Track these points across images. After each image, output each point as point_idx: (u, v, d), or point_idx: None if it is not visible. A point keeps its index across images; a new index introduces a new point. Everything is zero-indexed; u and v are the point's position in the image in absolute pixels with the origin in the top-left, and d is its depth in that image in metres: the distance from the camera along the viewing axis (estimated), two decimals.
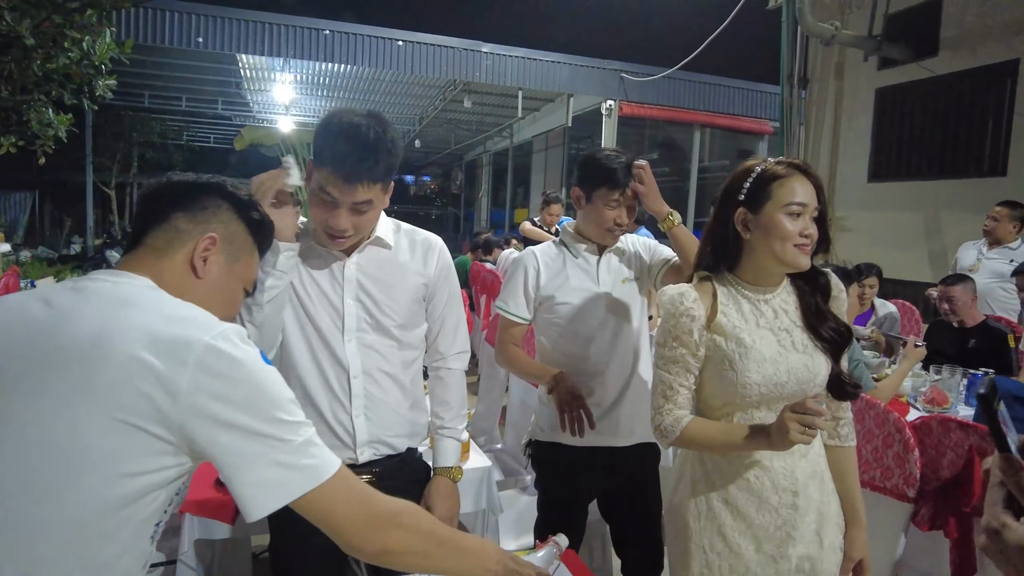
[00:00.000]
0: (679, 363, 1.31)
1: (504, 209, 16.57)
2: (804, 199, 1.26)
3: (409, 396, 1.55)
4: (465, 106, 11.54)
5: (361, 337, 1.47)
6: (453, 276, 1.61)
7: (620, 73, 10.63)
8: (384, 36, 9.59)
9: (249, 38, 9.15)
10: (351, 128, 1.32)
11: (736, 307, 1.32)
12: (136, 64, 10.37)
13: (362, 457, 1.48)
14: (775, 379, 1.27)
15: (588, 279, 1.85)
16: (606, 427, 1.85)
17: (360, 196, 1.33)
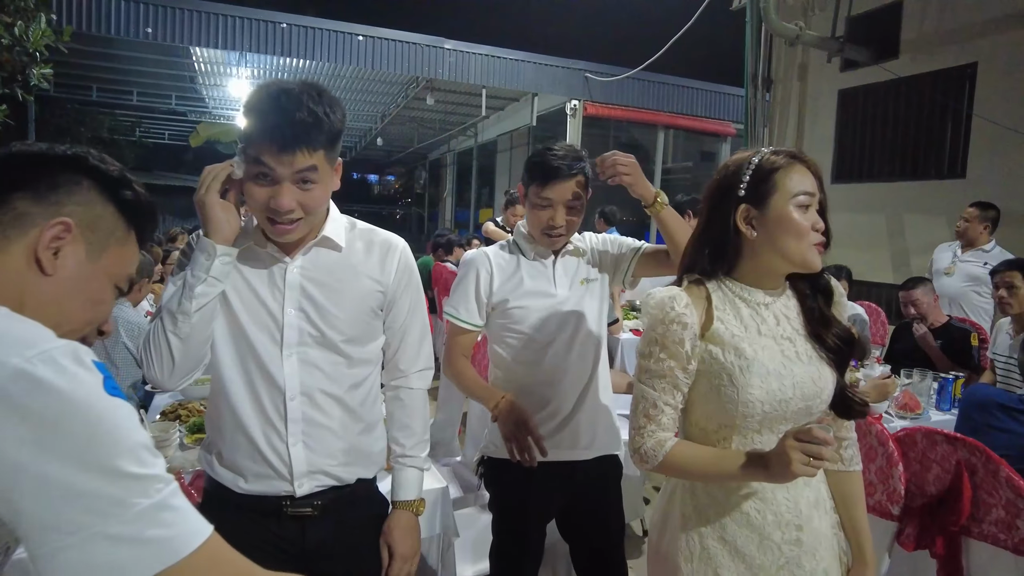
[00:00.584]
0: (666, 378, 1.15)
1: (469, 209, 16.40)
2: (811, 188, 1.13)
3: (359, 420, 1.35)
4: (428, 104, 11.34)
5: (303, 353, 1.27)
6: (416, 283, 1.43)
7: (585, 73, 10.57)
8: (343, 30, 9.32)
9: (202, 30, 8.78)
10: (282, 94, 1.15)
11: (735, 313, 1.17)
12: (82, 55, 9.92)
13: (301, 490, 1.29)
14: (780, 395, 1.13)
15: (543, 282, 1.74)
16: (565, 439, 1.72)
17: (300, 162, 1.15)
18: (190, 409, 2.39)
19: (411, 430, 1.43)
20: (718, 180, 1.19)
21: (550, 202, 1.65)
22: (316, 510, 1.30)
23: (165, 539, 0.63)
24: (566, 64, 10.52)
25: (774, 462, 1.03)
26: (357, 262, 1.33)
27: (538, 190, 1.66)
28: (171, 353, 1.18)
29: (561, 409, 1.73)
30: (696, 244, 1.23)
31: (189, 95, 13.07)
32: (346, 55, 9.41)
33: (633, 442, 1.18)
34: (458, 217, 17.76)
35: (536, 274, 1.74)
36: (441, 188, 19.37)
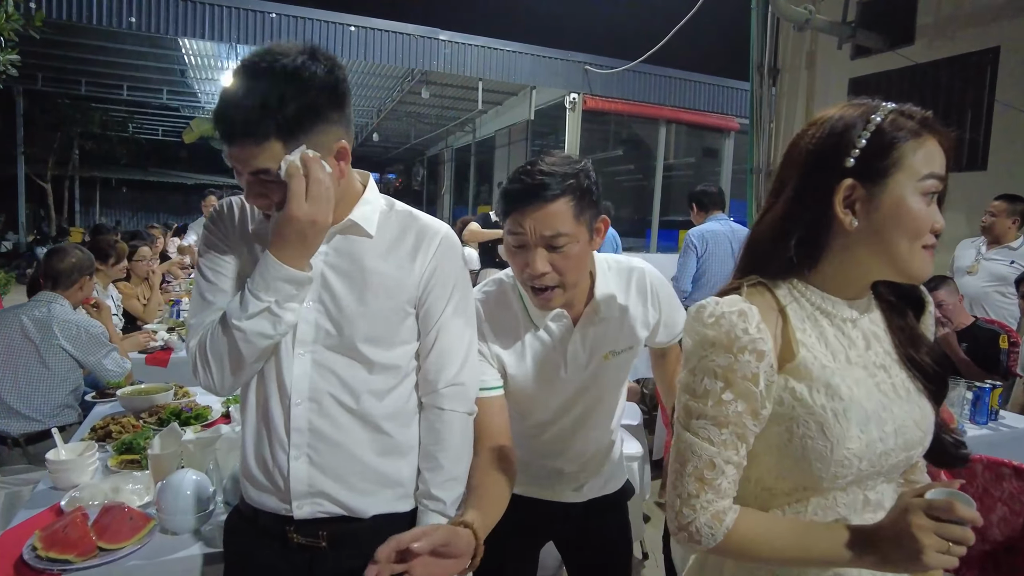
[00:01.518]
0: (729, 426, 0.84)
1: (467, 207, 16.12)
2: (942, 171, 0.83)
3: (383, 438, 1.13)
4: (424, 97, 11.08)
5: (318, 353, 1.10)
6: (459, 278, 1.18)
7: (584, 65, 10.30)
8: (335, 21, 9.07)
9: (188, 20, 8.51)
10: (238, 70, 0.98)
11: (818, 333, 0.86)
12: (67, 47, 9.70)
13: (299, 512, 1.11)
14: (880, 447, 0.83)
15: (549, 363, 1.32)
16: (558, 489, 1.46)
17: (249, 162, 0.98)
18: (123, 424, 2.10)
19: (437, 463, 1.15)
20: (819, 139, 0.86)
21: (521, 240, 1.20)
22: (324, 541, 1.13)
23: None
24: (565, 56, 10.27)
25: (892, 546, 0.75)
26: (388, 250, 1.13)
27: (508, 226, 1.22)
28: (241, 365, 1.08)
29: (560, 469, 1.45)
30: (775, 229, 0.89)
31: (180, 89, 12.83)
32: (337, 46, 9.14)
33: (679, 516, 0.86)
34: (456, 214, 17.48)
35: (543, 350, 1.32)
36: (439, 185, 19.09)
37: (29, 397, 2.50)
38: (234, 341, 1.03)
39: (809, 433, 0.83)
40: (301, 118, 0.97)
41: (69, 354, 2.58)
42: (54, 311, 2.59)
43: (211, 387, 1.10)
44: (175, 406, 2.28)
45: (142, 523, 1.47)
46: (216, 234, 1.14)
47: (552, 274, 1.20)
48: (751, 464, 0.87)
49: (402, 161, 22.09)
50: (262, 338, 1.04)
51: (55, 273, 2.71)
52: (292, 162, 0.97)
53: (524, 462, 1.42)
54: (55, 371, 2.54)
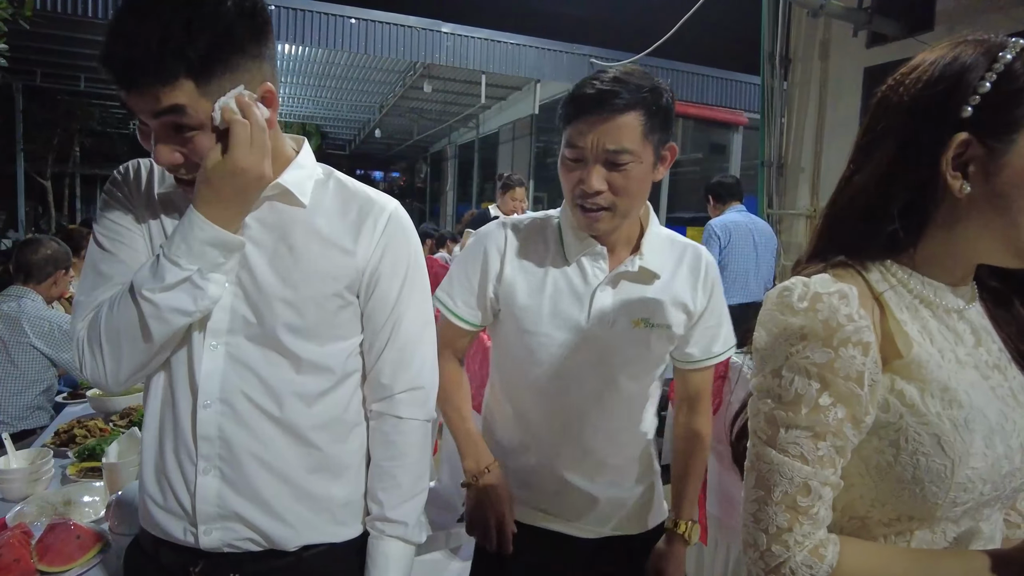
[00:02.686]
0: (828, 438, 0.67)
1: (471, 204, 15.98)
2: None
3: (316, 455, 0.96)
4: (426, 91, 10.93)
5: (234, 345, 0.93)
6: (414, 262, 1.02)
7: (589, 58, 10.13)
8: (335, 13, 8.92)
9: None
10: (124, 9, 0.79)
11: (920, 326, 0.69)
12: (64, 41, 9.58)
13: (206, 539, 0.93)
14: (1007, 466, 0.66)
15: (573, 304, 1.17)
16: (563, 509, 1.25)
17: (156, 101, 0.80)
18: (89, 429, 1.93)
19: (395, 481, 0.99)
20: (925, 83, 0.70)
21: (580, 153, 1.09)
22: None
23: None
24: (570, 49, 10.12)
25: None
26: (323, 224, 0.96)
27: (567, 137, 1.12)
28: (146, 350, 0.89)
29: (570, 476, 1.23)
30: (866, 198, 0.73)
31: None
32: (338, 40, 9.00)
33: (767, 557, 0.68)
34: (459, 211, 17.35)
35: (569, 288, 1.18)
36: (443, 182, 18.96)
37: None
38: (142, 318, 0.85)
39: (923, 448, 0.66)
40: (216, 49, 0.80)
41: (41, 352, 2.42)
42: (24, 307, 2.43)
43: (100, 378, 0.92)
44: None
45: (91, 543, 1.30)
46: (116, 197, 0.96)
47: (607, 194, 1.09)
48: (844, 492, 0.70)
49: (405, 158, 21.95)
50: (178, 315, 0.86)
51: (28, 265, 2.56)
52: (227, 104, 0.80)
53: (528, 467, 1.25)
54: (24, 371, 2.38)
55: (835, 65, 6.18)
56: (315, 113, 14.73)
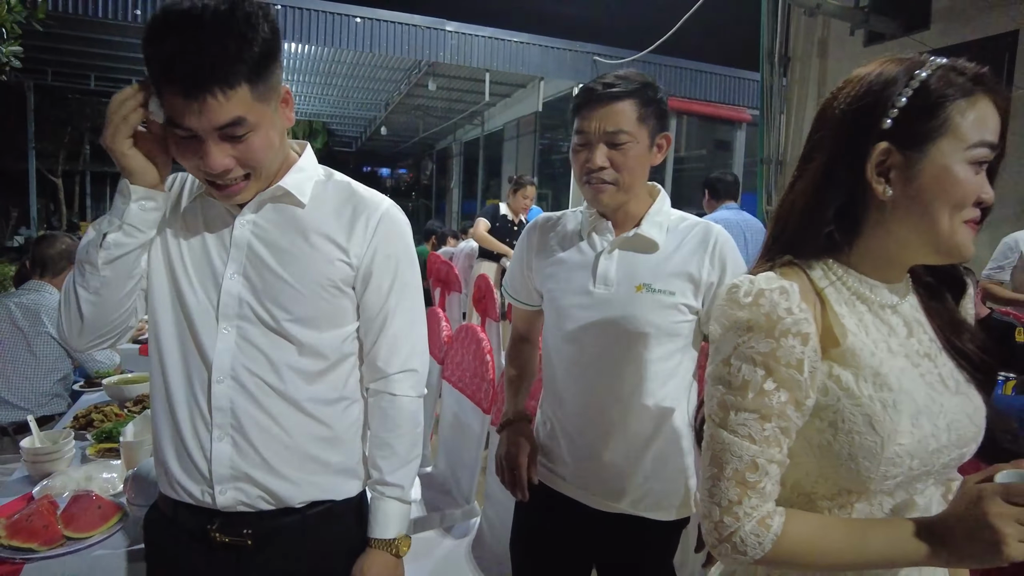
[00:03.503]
0: (772, 419, 0.75)
1: (475, 200, 16.06)
2: (994, 137, 0.75)
3: (314, 424, 1.07)
4: (431, 89, 11.01)
5: (243, 329, 1.04)
6: (406, 257, 1.13)
7: (593, 56, 10.17)
8: (340, 12, 9.01)
9: None
10: (178, 16, 0.87)
11: (856, 319, 0.79)
12: (75, 41, 9.71)
13: (222, 499, 1.04)
14: (933, 443, 0.75)
15: (582, 274, 1.33)
16: (582, 481, 1.34)
17: (219, 115, 0.90)
18: (106, 414, 2.06)
19: (391, 449, 1.12)
20: (853, 97, 0.78)
21: (586, 137, 1.27)
22: (250, 540, 1.05)
23: None
24: (573, 47, 10.16)
25: (964, 538, 0.68)
26: (320, 222, 1.07)
27: (575, 127, 1.30)
28: (79, 309, 1.01)
29: (581, 440, 1.34)
30: (806, 202, 0.81)
31: None
32: (343, 38, 9.09)
33: (719, 528, 0.77)
34: (465, 208, 17.43)
35: (580, 259, 1.35)
36: (448, 179, 19.05)
37: (17, 385, 2.47)
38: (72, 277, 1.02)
39: (856, 428, 0.74)
40: (264, 56, 0.90)
41: (58, 342, 2.54)
42: (43, 299, 2.56)
43: (63, 335, 1.06)
44: None
45: (111, 512, 1.42)
46: None
47: (609, 170, 1.25)
48: (789, 466, 0.79)
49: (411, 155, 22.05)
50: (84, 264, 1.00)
51: (44, 259, 2.68)
52: None
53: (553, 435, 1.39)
54: (43, 359, 2.51)
55: (833, 63, 6.23)
56: (322, 111, 14.85)
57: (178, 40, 0.86)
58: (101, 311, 1.02)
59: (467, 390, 2.27)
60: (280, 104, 0.99)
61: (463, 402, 2.28)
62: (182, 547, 1.08)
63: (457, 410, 2.34)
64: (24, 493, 1.57)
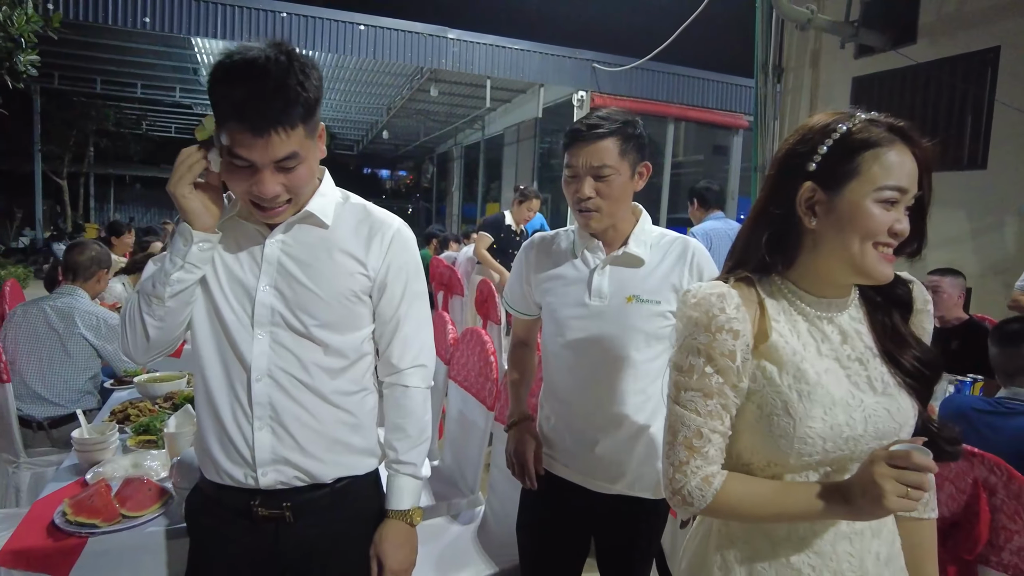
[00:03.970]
0: (713, 397, 0.93)
1: (476, 203, 16.22)
2: (905, 183, 0.90)
3: (340, 412, 1.23)
4: (432, 95, 11.18)
5: (275, 334, 1.18)
6: (414, 269, 1.30)
7: (592, 63, 10.35)
8: (345, 20, 9.18)
9: (200, 19, 8.66)
10: (247, 65, 1.04)
11: (791, 326, 0.95)
12: (83, 46, 9.87)
13: (264, 480, 1.19)
14: (848, 432, 0.91)
15: (578, 288, 1.51)
16: (584, 465, 1.53)
17: (279, 149, 1.06)
18: (140, 408, 2.24)
19: (405, 433, 1.29)
20: (791, 145, 0.95)
21: (574, 171, 1.44)
22: (288, 512, 1.21)
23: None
24: (572, 54, 10.31)
25: (859, 494, 0.83)
26: (341, 240, 1.22)
27: (566, 160, 1.47)
28: (146, 333, 1.17)
29: (582, 435, 1.52)
30: (752, 226, 0.98)
31: (193, 87, 12.98)
32: (348, 45, 9.27)
33: (673, 482, 0.95)
34: (465, 211, 17.59)
35: (576, 275, 1.52)
36: (449, 182, 19.20)
37: (52, 383, 2.65)
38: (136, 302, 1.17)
39: (775, 411, 0.91)
40: (315, 100, 1.08)
41: (89, 343, 2.72)
42: (76, 302, 2.74)
43: (128, 352, 1.21)
44: (188, 392, 2.41)
45: (160, 494, 1.60)
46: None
47: (596, 199, 1.42)
48: (733, 440, 0.97)
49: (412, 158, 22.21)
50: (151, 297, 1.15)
51: (75, 266, 2.86)
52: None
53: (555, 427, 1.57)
54: (76, 359, 2.68)
55: (825, 74, 6.42)
56: (324, 115, 14.81)
57: (248, 86, 1.02)
58: (165, 333, 1.17)
59: (472, 389, 2.44)
60: (317, 138, 1.16)
61: (468, 400, 2.46)
62: (226, 523, 1.24)
63: (463, 408, 2.51)
64: (77, 479, 1.75)
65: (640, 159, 1.46)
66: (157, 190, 22.51)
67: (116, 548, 1.48)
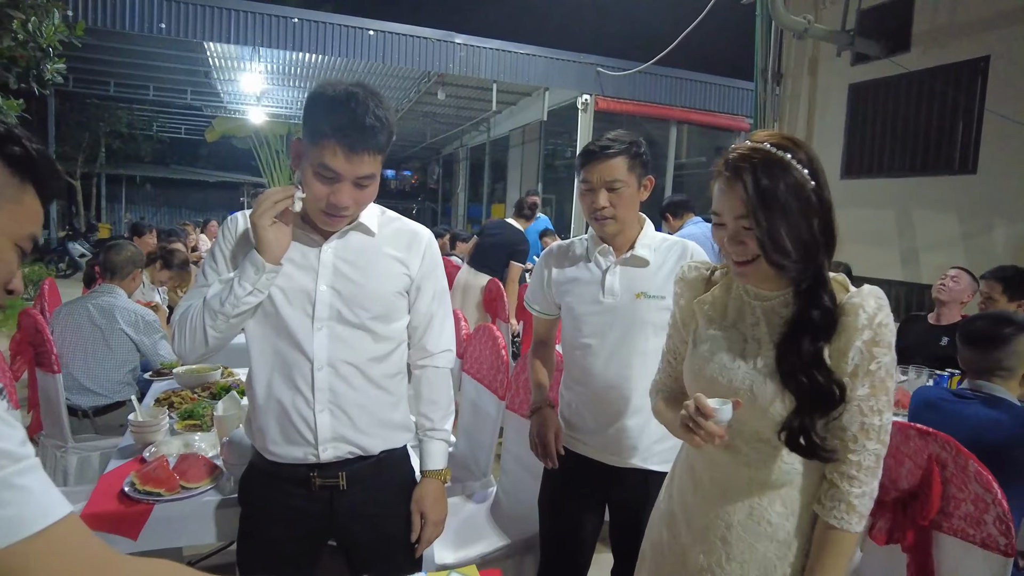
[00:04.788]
0: (675, 334, 1.30)
1: (481, 204, 16.40)
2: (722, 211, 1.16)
3: (384, 393, 1.45)
4: (439, 98, 11.36)
5: (332, 327, 1.37)
6: (440, 272, 1.53)
7: (596, 67, 10.51)
8: (355, 25, 9.37)
9: (214, 25, 8.87)
10: (348, 97, 1.25)
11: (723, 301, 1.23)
12: (98, 50, 10.09)
13: (324, 455, 1.39)
14: (711, 390, 1.13)
15: (593, 287, 1.73)
16: (600, 444, 1.75)
17: (365, 169, 1.28)
18: (183, 397, 2.44)
19: (437, 405, 1.53)
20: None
21: (590, 185, 1.66)
22: (343, 480, 1.40)
23: (2, 519, 0.61)
24: (577, 58, 10.48)
25: (679, 421, 1.11)
26: (385, 246, 1.43)
27: (582, 175, 1.69)
28: (206, 341, 1.33)
29: (598, 417, 1.73)
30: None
31: (204, 90, 13.21)
32: (357, 50, 9.45)
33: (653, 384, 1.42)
34: (470, 212, 17.77)
35: (591, 276, 1.74)
36: (454, 183, 19.38)
37: (96, 375, 2.86)
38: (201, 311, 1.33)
39: (680, 354, 1.31)
40: (393, 133, 1.31)
41: (129, 337, 2.93)
42: (115, 300, 2.95)
43: (182, 353, 1.36)
44: (224, 383, 2.62)
45: (212, 469, 1.81)
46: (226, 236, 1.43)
47: (609, 208, 1.65)
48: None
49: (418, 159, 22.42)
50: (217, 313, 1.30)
51: (113, 266, 3.07)
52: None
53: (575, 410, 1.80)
54: (117, 352, 2.90)
55: (823, 80, 6.60)
56: None
57: (351, 114, 1.22)
58: (222, 341, 1.35)
59: (484, 380, 2.65)
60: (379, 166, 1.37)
61: (481, 391, 2.66)
62: (284, 493, 1.43)
63: (475, 398, 2.72)
64: (135, 457, 1.96)
65: (644, 173, 1.70)
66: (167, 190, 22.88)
67: (177, 514, 1.69)
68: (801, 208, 1.05)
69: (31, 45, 5.27)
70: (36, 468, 0.64)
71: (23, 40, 5.20)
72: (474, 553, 2.11)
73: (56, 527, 0.64)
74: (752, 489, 1.16)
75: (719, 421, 1.05)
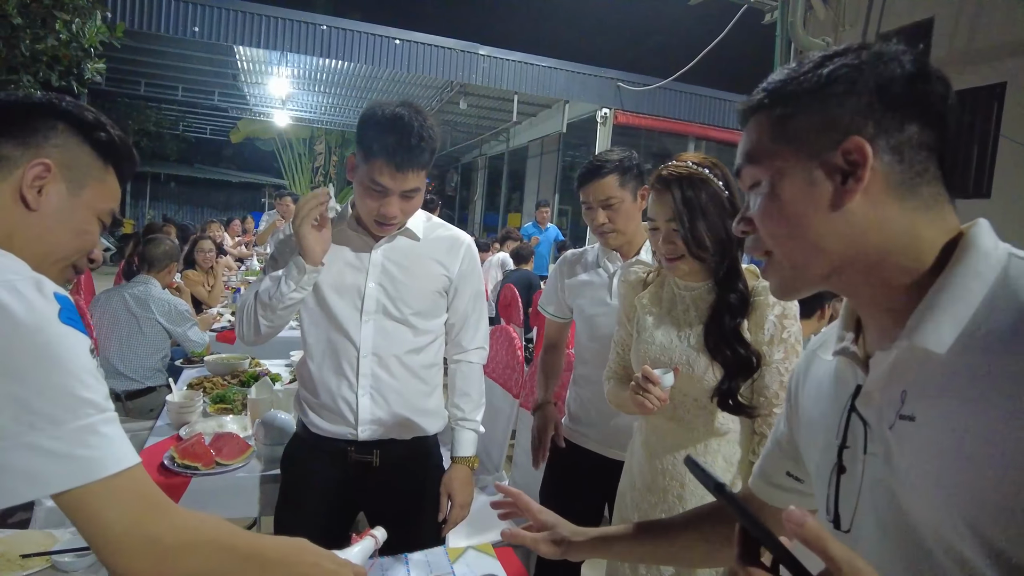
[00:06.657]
0: (622, 327, 1.49)
1: (498, 213, 16.53)
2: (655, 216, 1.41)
3: (420, 382, 1.58)
4: (461, 108, 11.51)
5: (378, 320, 1.51)
6: (479, 274, 1.67)
7: (616, 82, 10.62)
8: (381, 34, 9.56)
9: (246, 30, 9.10)
10: (396, 119, 1.37)
11: (660, 295, 1.41)
12: (132, 51, 10.34)
13: (363, 434, 1.53)
14: (655, 367, 1.30)
15: (602, 291, 1.86)
16: (602, 437, 1.86)
17: (410, 184, 1.40)
18: (214, 382, 2.58)
19: (469, 397, 1.65)
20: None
21: (588, 204, 1.79)
22: (376, 458, 1.54)
23: (86, 459, 0.69)
24: (598, 72, 10.59)
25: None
26: (429, 250, 1.57)
27: (581, 196, 1.81)
28: (258, 329, 1.48)
29: (603, 412, 1.82)
30: None
31: (231, 92, 13.47)
32: (383, 58, 9.64)
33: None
34: (487, 220, 17.91)
35: (600, 281, 1.87)
36: (472, 191, 19.54)
37: (130, 361, 3.01)
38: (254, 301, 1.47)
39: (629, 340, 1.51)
40: (435, 152, 1.44)
41: (162, 326, 3.08)
42: (151, 291, 3.10)
43: (241, 335, 1.51)
44: (252, 371, 2.76)
45: (245, 448, 1.93)
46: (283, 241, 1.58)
47: (608, 224, 1.77)
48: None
49: (437, 167, 22.59)
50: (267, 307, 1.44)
51: (151, 258, 3.23)
52: None
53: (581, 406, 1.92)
54: (150, 339, 3.05)
55: None
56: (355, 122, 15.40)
57: (397, 135, 1.36)
58: (273, 329, 1.49)
59: (500, 379, 2.76)
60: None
61: (495, 389, 2.77)
62: (324, 464, 1.57)
63: (490, 396, 2.82)
64: (171, 435, 2.09)
65: (639, 185, 1.80)
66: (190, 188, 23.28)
67: (212, 488, 1.81)
68: (718, 212, 1.31)
69: (73, 45, 5.49)
70: (116, 420, 0.74)
71: (67, 40, 5.42)
72: (485, 540, 2.22)
73: (128, 472, 0.73)
74: (697, 449, 1.37)
75: (664, 386, 1.25)
